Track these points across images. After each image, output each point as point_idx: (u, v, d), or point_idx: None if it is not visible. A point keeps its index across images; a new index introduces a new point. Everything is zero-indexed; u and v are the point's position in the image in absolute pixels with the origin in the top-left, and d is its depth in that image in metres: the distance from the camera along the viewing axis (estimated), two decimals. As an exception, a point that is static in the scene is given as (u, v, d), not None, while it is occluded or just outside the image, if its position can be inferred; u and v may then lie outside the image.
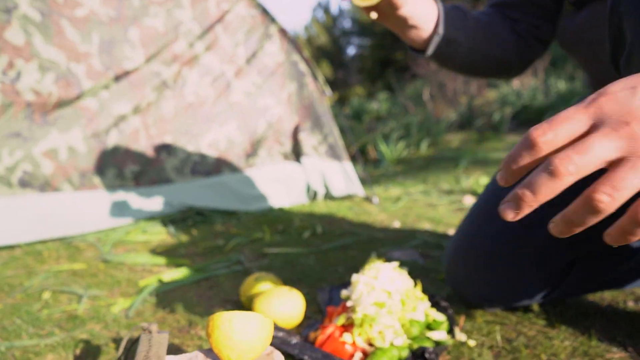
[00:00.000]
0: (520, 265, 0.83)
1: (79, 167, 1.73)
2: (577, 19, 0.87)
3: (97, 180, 1.76)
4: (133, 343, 0.68)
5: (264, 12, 2.16)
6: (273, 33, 2.15)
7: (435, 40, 0.83)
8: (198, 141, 1.97)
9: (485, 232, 0.87)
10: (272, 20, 2.17)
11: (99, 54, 1.81)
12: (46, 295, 1.08)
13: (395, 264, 0.81)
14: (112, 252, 1.44)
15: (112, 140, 1.81)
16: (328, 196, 2.11)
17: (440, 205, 1.89)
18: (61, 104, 1.71)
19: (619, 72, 0.60)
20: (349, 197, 2.12)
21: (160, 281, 1.15)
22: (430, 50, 0.84)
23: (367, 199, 2.07)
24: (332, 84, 15.61)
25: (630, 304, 0.89)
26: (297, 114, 2.15)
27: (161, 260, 1.32)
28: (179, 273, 1.18)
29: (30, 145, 1.64)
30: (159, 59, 1.92)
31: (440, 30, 0.83)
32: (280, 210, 1.93)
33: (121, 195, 1.78)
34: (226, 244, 1.46)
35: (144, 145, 1.87)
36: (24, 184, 1.62)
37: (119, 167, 1.82)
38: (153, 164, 1.88)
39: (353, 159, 2.60)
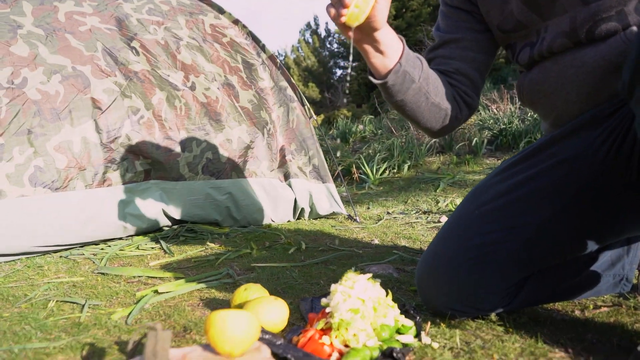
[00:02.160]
0: (481, 280, 0.94)
1: (92, 161, 1.77)
2: (530, 76, 1.04)
3: (109, 174, 1.80)
4: (141, 339, 0.78)
5: (255, 39, 2.30)
6: (264, 59, 2.29)
7: (396, 70, 0.97)
8: (212, 139, 2.06)
9: (452, 249, 0.99)
10: (263, 47, 2.30)
11: (103, 57, 1.89)
12: (50, 304, 1.17)
13: (369, 275, 0.92)
14: (108, 265, 1.53)
15: (125, 132, 1.85)
16: (313, 215, 2.22)
17: (418, 224, 2.01)
18: (69, 99, 1.76)
19: (630, 97, 0.70)
20: (332, 216, 2.24)
21: (156, 292, 1.24)
22: (390, 78, 0.98)
23: (350, 218, 2.18)
24: (320, 104, 15.80)
25: (577, 313, 1.01)
26: (283, 136, 2.27)
27: (155, 273, 1.42)
28: (173, 285, 1.28)
29: (43, 141, 1.67)
30: (164, 65, 2.02)
31: (403, 62, 0.97)
32: (268, 227, 2.04)
33: (129, 196, 1.83)
34: (216, 259, 1.56)
35: (158, 139, 1.93)
36: (36, 182, 1.63)
37: (131, 160, 1.86)
38: (166, 159, 1.94)
39: (338, 179, 2.72)
